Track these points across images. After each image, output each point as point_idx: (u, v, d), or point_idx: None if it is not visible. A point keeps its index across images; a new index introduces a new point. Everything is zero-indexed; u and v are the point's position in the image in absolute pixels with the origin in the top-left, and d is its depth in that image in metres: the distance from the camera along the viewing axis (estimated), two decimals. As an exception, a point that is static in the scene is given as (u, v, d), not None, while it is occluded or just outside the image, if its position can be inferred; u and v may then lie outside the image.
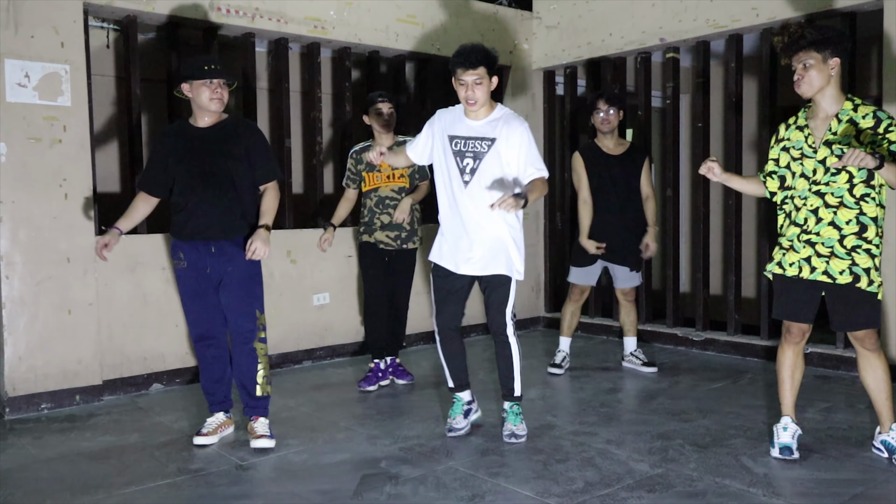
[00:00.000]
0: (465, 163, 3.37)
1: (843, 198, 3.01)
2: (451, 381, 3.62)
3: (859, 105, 3.05)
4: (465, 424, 3.59)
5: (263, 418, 3.50)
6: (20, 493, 2.99)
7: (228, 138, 3.42)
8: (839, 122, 3.04)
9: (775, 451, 3.21)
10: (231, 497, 2.92)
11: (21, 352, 4.02)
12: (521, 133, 3.34)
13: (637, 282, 4.83)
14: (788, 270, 3.14)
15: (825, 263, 3.05)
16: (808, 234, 3.08)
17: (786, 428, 3.24)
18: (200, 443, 3.47)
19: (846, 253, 3.02)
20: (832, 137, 3.04)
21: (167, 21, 4.58)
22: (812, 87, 3.04)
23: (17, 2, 3.96)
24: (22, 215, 4.01)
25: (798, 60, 3.03)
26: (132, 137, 4.55)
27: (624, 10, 5.59)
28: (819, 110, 3.10)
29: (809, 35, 2.99)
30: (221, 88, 3.37)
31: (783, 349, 3.27)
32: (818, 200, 3.05)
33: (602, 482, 2.97)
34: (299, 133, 5.94)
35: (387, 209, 4.36)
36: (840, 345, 4.73)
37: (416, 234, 4.46)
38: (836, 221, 3.02)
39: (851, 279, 3.02)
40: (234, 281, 3.43)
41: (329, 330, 5.23)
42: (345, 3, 5.19)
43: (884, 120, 2.98)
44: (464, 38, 5.80)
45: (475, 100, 3.29)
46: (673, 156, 5.60)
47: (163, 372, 4.55)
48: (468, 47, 3.30)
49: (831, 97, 3.06)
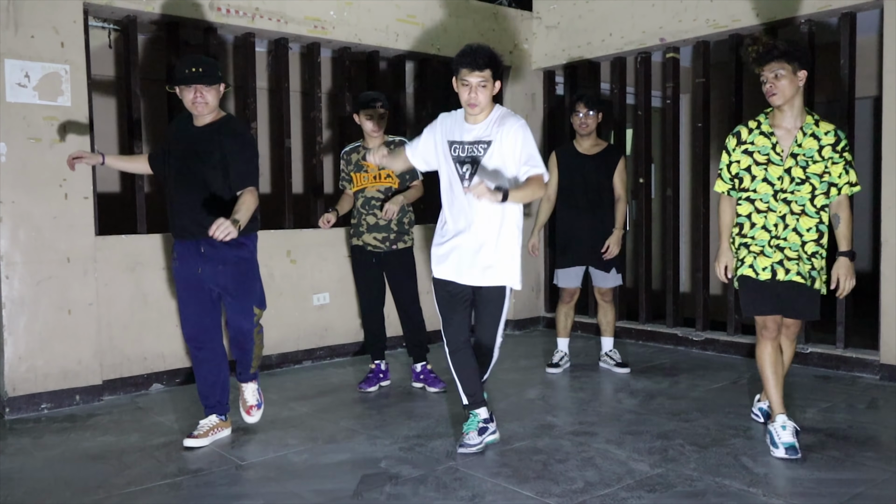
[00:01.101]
0: (464, 168, 3.27)
1: (805, 207, 3.26)
2: (465, 398, 3.40)
3: (819, 121, 3.28)
4: (479, 442, 3.35)
5: (252, 383, 3.71)
6: (20, 493, 2.99)
7: (209, 141, 3.38)
8: (804, 135, 3.25)
9: (780, 451, 3.18)
10: (231, 497, 2.92)
11: (21, 352, 4.02)
12: (515, 130, 3.22)
13: (614, 282, 4.79)
14: (762, 275, 3.30)
15: (796, 265, 3.28)
16: (777, 240, 3.29)
17: (784, 426, 3.24)
18: (190, 445, 3.45)
19: (808, 258, 3.28)
20: (797, 149, 3.25)
21: (167, 21, 4.58)
22: (784, 97, 3.20)
23: (17, 2, 3.96)
24: (22, 215, 4.01)
25: (770, 70, 3.20)
26: (132, 137, 4.55)
27: (624, 10, 5.59)
28: (784, 120, 3.28)
29: (781, 46, 3.20)
30: (203, 93, 3.34)
31: (762, 346, 3.35)
32: (785, 207, 3.27)
33: (602, 482, 2.97)
34: (299, 133, 5.94)
35: (372, 210, 4.32)
36: (840, 345, 4.73)
37: (407, 234, 4.38)
38: (799, 228, 3.27)
39: (811, 282, 3.31)
40: (227, 281, 3.44)
41: (329, 330, 5.23)
42: (345, 3, 5.19)
43: (842, 139, 3.25)
44: (464, 38, 5.81)
45: (477, 103, 3.19)
46: (673, 156, 5.61)
47: (163, 372, 4.55)
48: (474, 47, 3.18)
49: (798, 108, 3.26)
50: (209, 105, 3.38)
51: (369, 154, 3.41)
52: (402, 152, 3.56)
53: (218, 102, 3.44)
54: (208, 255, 3.40)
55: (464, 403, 3.42)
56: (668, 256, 5.66)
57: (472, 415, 3.40)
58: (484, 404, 3.41)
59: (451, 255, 3.32)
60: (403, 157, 3.55)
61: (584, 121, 4.64)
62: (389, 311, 4.60)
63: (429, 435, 3.59)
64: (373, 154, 3.37)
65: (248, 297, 3.51)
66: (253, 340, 3.61)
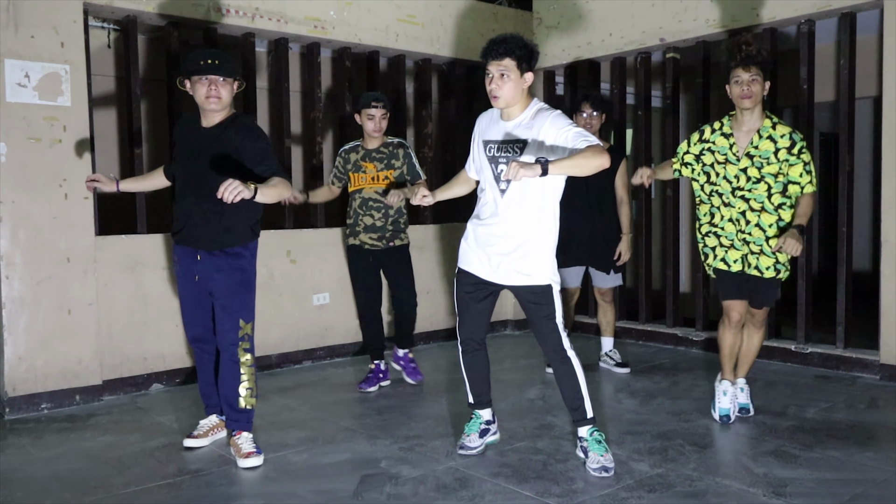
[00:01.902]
0: (499, 170, 3.08)
1: (764, 204, 3.47)
2: (472, 397, 3.38)
3: (777, 123, 3.46)
4: (480, 444, 3.33)
5: (247, 433, 3.30)
6: (20, 493, 2.99)
7: (221, 144, 3.21)
8: (760, 137, 3.45)
9: (715, 414, 3.68)
10: (231, 497, 2.92)
11: (21, 352, 4.03)
12: (551, 121, 2.97)
13: (614, 283, 4.78)
14: (733, 266, 3.58)
15: (756, 259, 3.53)
16: (743, 234, 3.54)
17: (725, 392, 3.68)
18: (190, 445, 3.43)
19: (772, 252, 3.49)
20: (753, 150, 3.45)
21: (167, 21, 4.58)
22: (755, 102, 3.42)
23: (17, 2, 3.96)
24: (22, 215, 4.01)
25: (750, 74, 3.40)
26: (132, 137, 4.55)
27: (624, 10, 5.59)
28: (744, 123, 3.49)
29: (764, 53, 3.45)
30: (218, 86, 3.16)
31: (725, 331, 3.69)
32: (744, 204, 3.50)
33: (602, 482, 2.97)
34: (299, 133, 5.94)
35: (370, 211, 4.31)
36: (840, 345, 4.73)
37: (403, 233, 4.40)
38: (761, 224, 3.48)
39: (774, 274, 3.54)
40: (219, 289, 3.27)
41: (329, 330, 5.23)
42: (345, 3, 5.19)
43: (797, 142, 3.42)
44: (464, 38, 5.82)
45: (498, 94, 2.99)
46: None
47: (163, 372, 4.55)
48: (499, 37, 3.00)
49: (758, 112, 3.48)
50: (222, 101, 3.19)
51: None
52: (460, 176, 3.46)
53: (231, 100, 3.26)
54: (204, 262, 3.27)
55: (469, 402, 3.40)
56: (668, 256, 5.66)
57: (475, 415, 3.39)
58: (489, 406, 3.40)
59: (481, 252, 3.15)
60: (464, 177, 3.42)
61: (588, 122, 4.57)
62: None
63: (429, 435, 3.59)
64: (417, 197, 3.28)
65: (237, 309, 3.28)
66: (239, 361, 3.29)
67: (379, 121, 4.27)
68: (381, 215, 4.32)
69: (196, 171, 3.23)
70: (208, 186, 3.11)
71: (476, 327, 3.28)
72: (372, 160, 4.34)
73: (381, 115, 4.26)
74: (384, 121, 4.30)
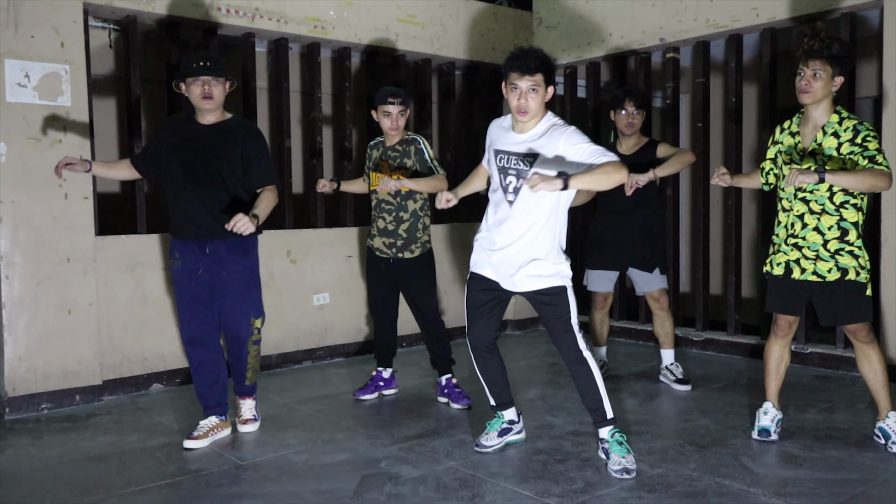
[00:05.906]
0: (507, 181, 3.08)
1: (825, 205, 3.22)
2: (492, 399, 3.38)
3: (844, 118, 3.22)
4: (498, 443, 3.34)
5: (250, 399, 3.72)
6: (20, 493, 2.99)
7: (225, 139, 3.41)
8: (825, 135, 3.22)
9: (754, 433, 3.45)
10: (231, 497, 2.92)
11: (21, 352, 4.02)
12: (566, 138, 2.96)
13: (660, 284, 4.36)
14: (775, 270, 3.37)
15: (813, 265, 3.25)
16: (794, 238, 3.29)
17: (766, 412, 3.47)
18: (190, 446, 3.44)
19: (830, 256, 3.22)
20: (816, 148, 3.24)
21: (167, 21, 4.58)
22: (813, 97, 3.20)
23: (17, 2, 3.96)
24: (22, 215, 4.01)
25: (811, 67, 3.18)
26: (132, 137, 4.55)
27: (624, 10, 5.59)
28: (810, 119, 3.29)
29: (835, 49, 3.15)
30: (211, 86, 3.35)
31: (771, 343, 3.48)
32: (803, 206, 3.26)
33: (602, 482, 2.97)
34: (299, 133, 5.94)
35: (382, 213, 4.06)
36: (840, 345, 4.73)
37: (415, 243, 4.03)
38: (820, 227, 3.23)
39: (840, 275, 3.21)
40: (227, 287, 3.44)
41: (329, 330, 5.23)
42: (345, 3, 5.19)
43: (862, 131, 3.15)
44: (464, 38, 5.82)
45: (527, 109, 2.96)
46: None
47: (163, 372, 4.55)
48: (526, 49, 2.99)
49: (824, 109, 3.24)
50: (215, 100, 3.38)
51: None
52: (478, 171, 3.44)
53: (223, 100, 3.45)
54: (212, 256, 3.40)
55: (491, 405, 3.42)
56: (668, 256, 5.64)
57: (498, 415, 3.41)
58: (511, 405, 3.41)
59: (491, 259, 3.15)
60: (483, 171, 3.41)
61: (630, 120, 4.23)
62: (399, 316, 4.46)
63: (429, 435, 3.59)
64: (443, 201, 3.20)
65: (247, 305, 3.53)
66: (248, 349, 3.60)
67: (396, 118, 3.96)
68: (393, 219, 4.02)
69: (199, 165, 3.39)
70: (209, 179, 3.39)
71: (486, 332, 3.27)
72: (387, 159, 4.07)
73: (398, 112, 3.96)
74: (402, 118, 3.99)
